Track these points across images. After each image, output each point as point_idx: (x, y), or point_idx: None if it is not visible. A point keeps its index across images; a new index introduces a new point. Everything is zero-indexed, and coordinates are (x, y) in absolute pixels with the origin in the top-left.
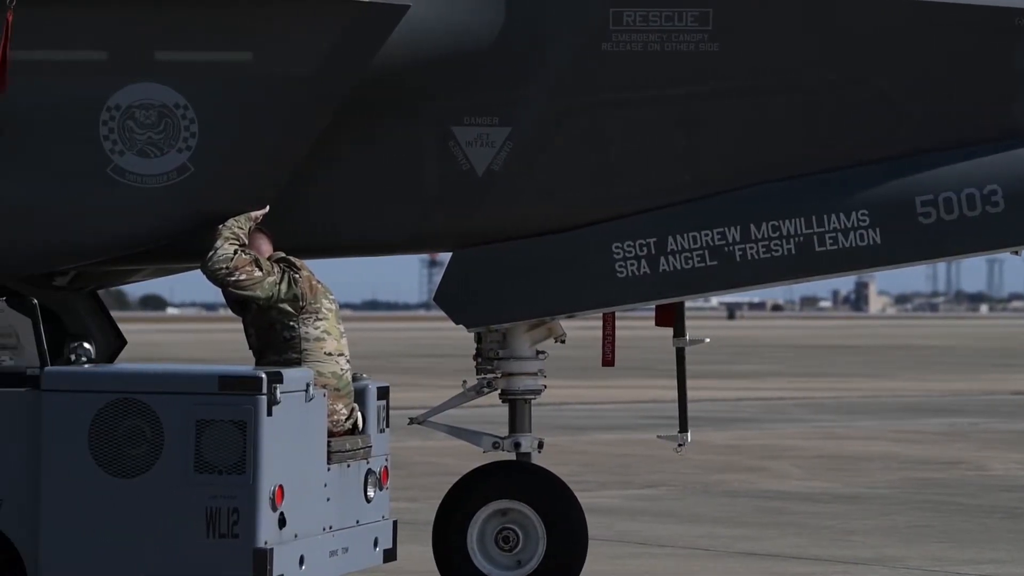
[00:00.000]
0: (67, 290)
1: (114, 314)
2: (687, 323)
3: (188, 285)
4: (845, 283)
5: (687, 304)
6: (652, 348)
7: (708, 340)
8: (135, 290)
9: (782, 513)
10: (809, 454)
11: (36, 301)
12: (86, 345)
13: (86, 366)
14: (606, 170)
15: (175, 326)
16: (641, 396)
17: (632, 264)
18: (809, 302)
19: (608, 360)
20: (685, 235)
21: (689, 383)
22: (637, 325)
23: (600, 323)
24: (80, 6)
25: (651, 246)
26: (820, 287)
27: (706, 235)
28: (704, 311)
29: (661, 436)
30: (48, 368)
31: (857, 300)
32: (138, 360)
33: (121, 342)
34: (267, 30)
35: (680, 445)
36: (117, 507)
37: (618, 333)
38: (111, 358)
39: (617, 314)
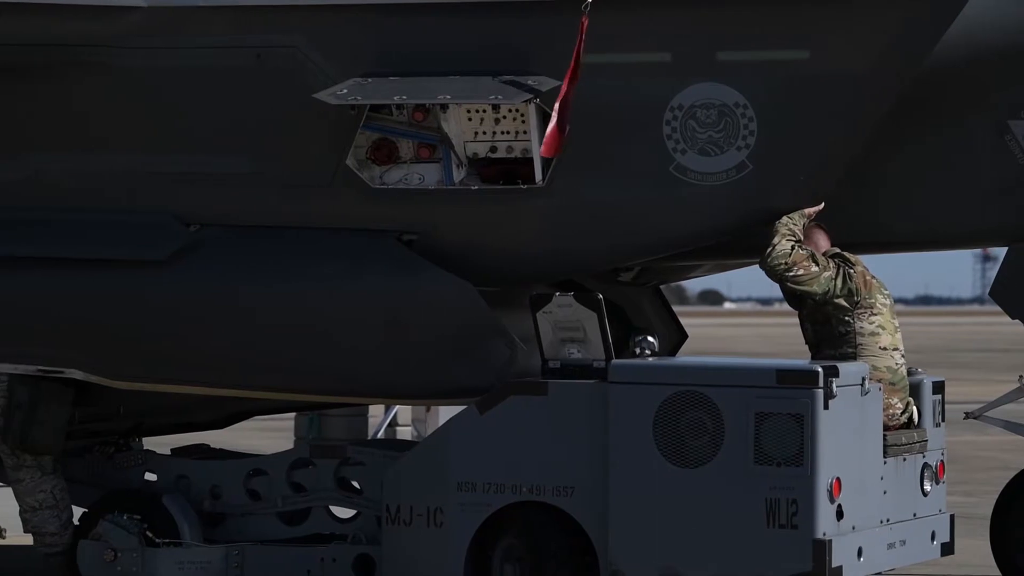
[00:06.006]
0: (631, 285)
1: (675, 308)
2: None
3: (744, 280)
4: None
5: None
6: None
7: None
8: (694, 285)
9: None
10: None
11: (601, 296)
12: (650, 339)
13: (650, 359)
14: None
15: (732, 320)
16: None
17: None
18: None
19: None
20: None
21: None
22: None
23: None
24: (646, 9)
25: None
26: None
27: None
28: None
29: None
30: (614, 361)
31: None
32: (698, 353)
33: (682, 336)
34: (824, 28)
35: None
36: (680, 496)
37: None
38: (673, 351)
39: None
